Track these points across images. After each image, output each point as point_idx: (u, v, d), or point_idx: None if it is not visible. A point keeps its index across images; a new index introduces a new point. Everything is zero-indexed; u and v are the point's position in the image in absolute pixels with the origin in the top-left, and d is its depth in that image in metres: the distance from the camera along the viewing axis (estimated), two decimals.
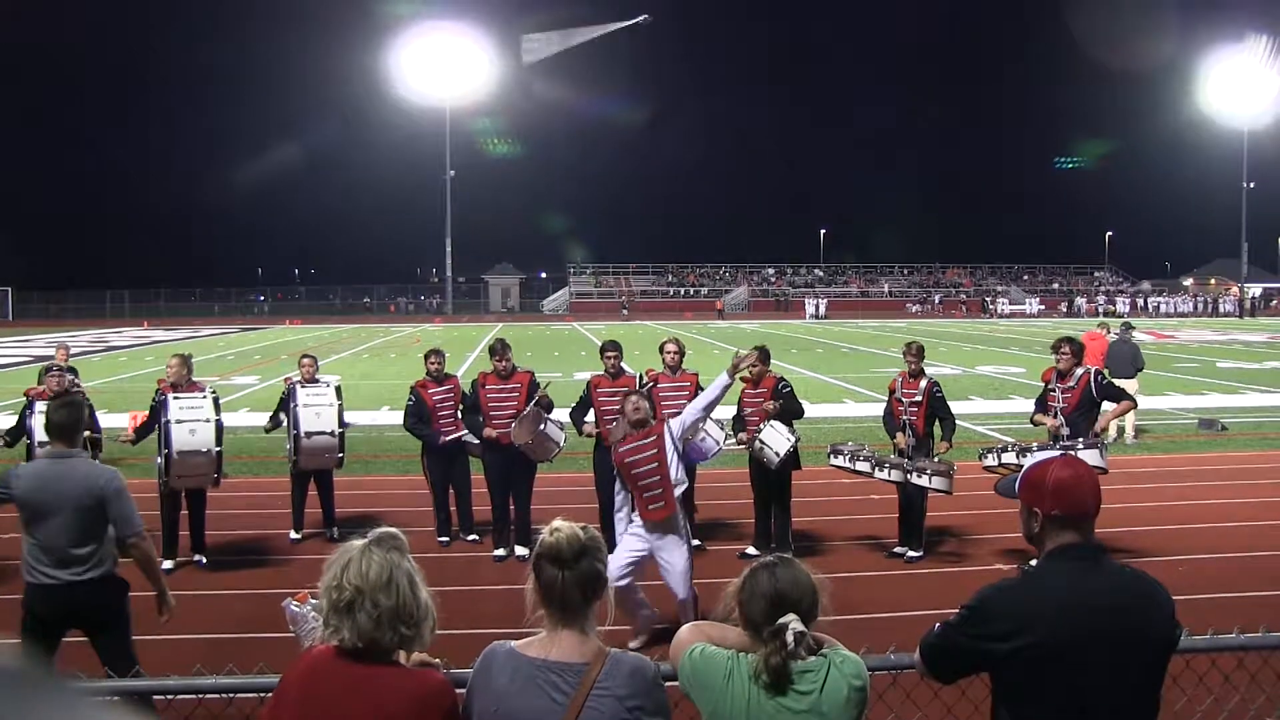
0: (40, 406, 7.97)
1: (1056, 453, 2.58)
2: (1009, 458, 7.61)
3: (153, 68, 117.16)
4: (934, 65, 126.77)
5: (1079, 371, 7.87)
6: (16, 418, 8.19)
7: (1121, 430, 13.09)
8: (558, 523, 2.42)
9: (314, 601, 2.55)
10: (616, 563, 5.97)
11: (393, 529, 2.38)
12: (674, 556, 5.90)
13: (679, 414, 7.81)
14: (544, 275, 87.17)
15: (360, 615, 2.20)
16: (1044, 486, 2.44)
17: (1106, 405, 7.97)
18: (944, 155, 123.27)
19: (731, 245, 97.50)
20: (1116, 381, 13.37)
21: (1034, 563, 2.52)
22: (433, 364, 8.54)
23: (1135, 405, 8.32)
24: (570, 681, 2.26)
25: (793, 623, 2.30)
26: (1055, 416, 7.83)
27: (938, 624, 2.50)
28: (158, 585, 4.45)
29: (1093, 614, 2.32)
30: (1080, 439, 7.46)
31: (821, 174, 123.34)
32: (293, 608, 2.62)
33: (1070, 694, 2.32)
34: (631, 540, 6.01)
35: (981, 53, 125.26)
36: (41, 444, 7.82)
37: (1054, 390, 7.94)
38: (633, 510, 6.11)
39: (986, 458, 7.83)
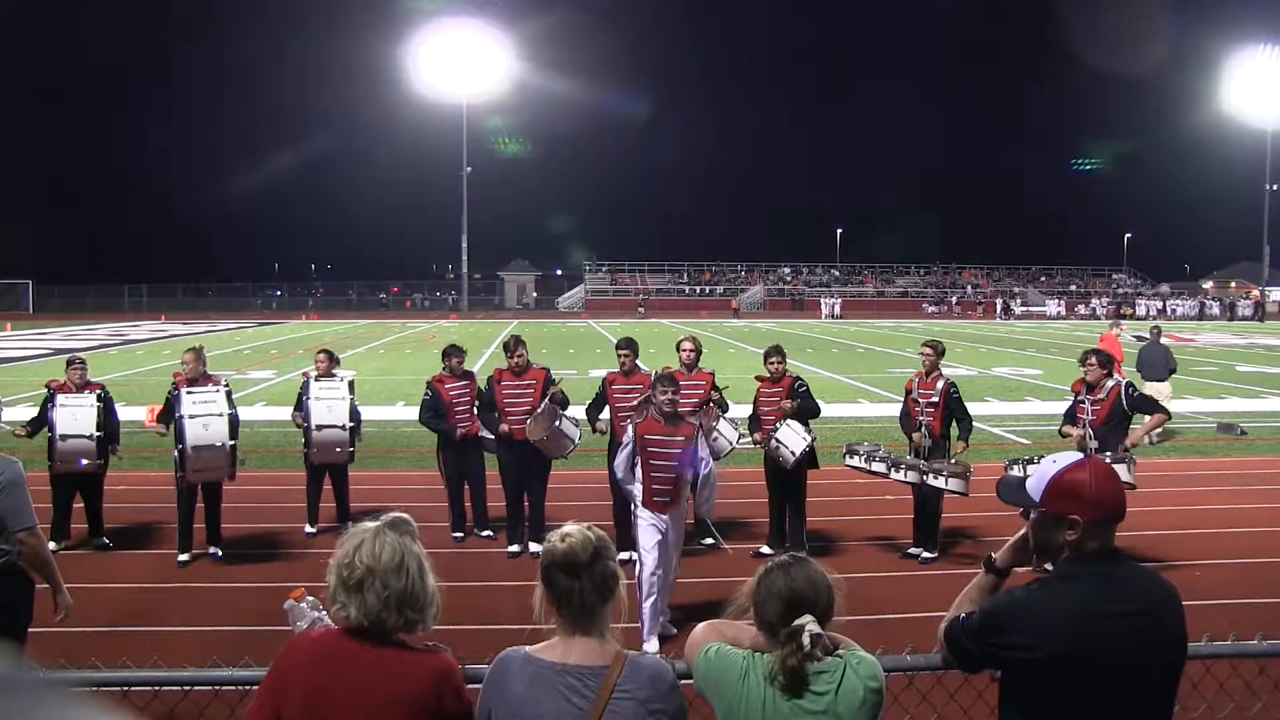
0: (62, 399, 8.04)
1: (1077, 455, 2.51)
2: None
3: (174, 65, 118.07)
4: (952, 65, 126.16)
5: (1109, 383, 7.73)
6: (38, 409, 8.25)
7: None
8: (567, 528, 2.36)
9: (310, 599, 2.60)
10: (648, 554, 6.09)
11: (404, 515, 2.40)
12: (675, 537, 6.30)
13: (692, 412, 7.82)
14: (560, 272, 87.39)
15: (369, 595, 2.23)
16: (1083, 494, 2.34)
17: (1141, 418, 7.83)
18: (962, 155, 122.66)
19: (747, 244, 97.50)
20: (1149, 384, 13.31)
21: (1049, 567, 2.48)
22: (454, 362, 8.55)
23: (1169, 418, 8.17)
24: (590, 685, 2.23)
25: (809, 624, 2.28)
26: (1084, 430, 7.71)
27: (961, 615, 2.46)
28: (52, 582, 4.25)
29: (1115, 621, 2.28)
30: (1109, 453, 7.32)
31: (839, 173, 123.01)
32: (288, 604, 2.62)
33: (1090, 703, 2.28)
34: (650, 532, 6.13)
35: (1002, 52, 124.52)
36: (63, 436, 7.90)
37: (1083, 402, 7.82)
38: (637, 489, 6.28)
39: (1013, 469, 7.67)
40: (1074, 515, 2.35)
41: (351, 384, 8.79)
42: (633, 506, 6.35)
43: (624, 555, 6.52)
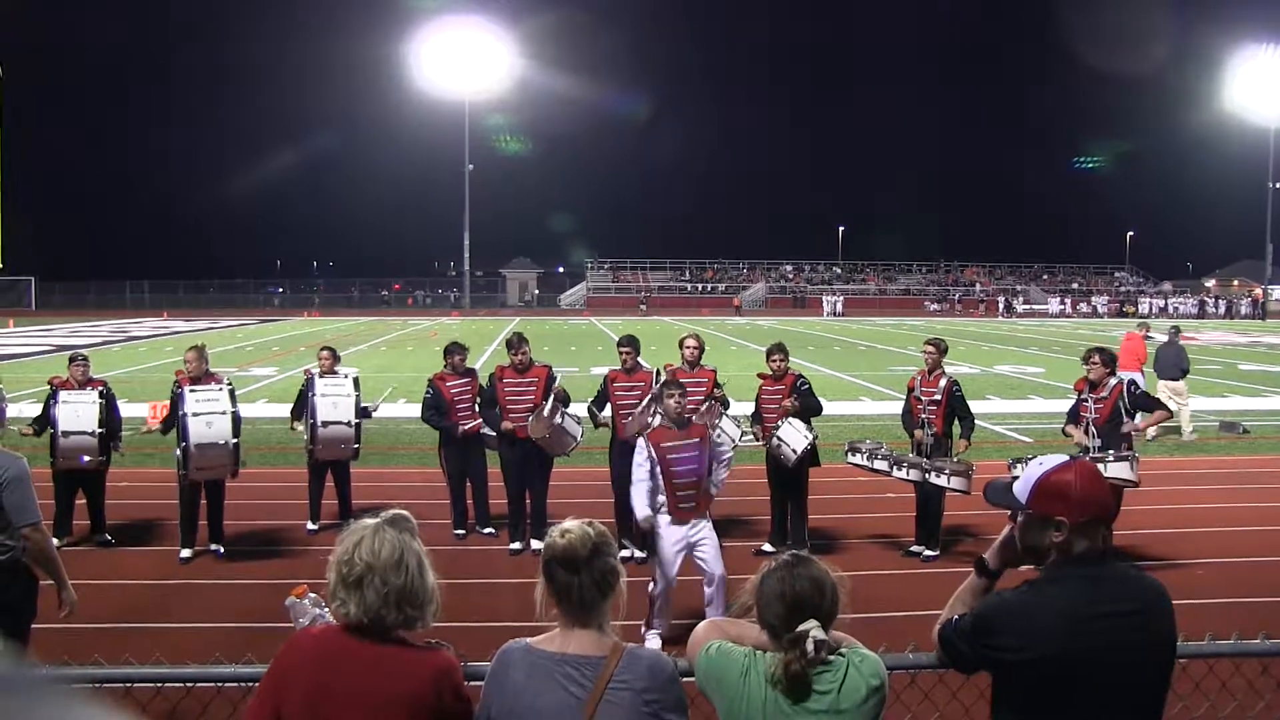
0: (64, 395, 8.05)
1: (1063, 458, 2.50)
2: None
3: (174, 65, 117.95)
4: (952, 65, 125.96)
5: (1111, 381, 7.73)
6: (41, 406, 8.25)
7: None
8: (567, 524, 2.39)
9: (312, 596, 2.61)
10: (669, 566, 6.02)
11: (404, 511, 2.41)
12: (707, 543, 6.16)
13: (695, 410, 7.81)
14: (561, 270, 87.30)
15: (368, 592, 2.24)
16: (1070, 495, 2.33)
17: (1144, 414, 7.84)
18: (963, 155, 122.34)
19: (748, 243, 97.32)
20: (1163, 382, 13.44)
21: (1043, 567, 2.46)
22: (456, 360, 8.56)
23: (1170, 415, 8.22)
24: (588, 675, 2.25)
25: (813, 630, 2.27)
26: (1086, 430, 7.69)
27: (954, 617, 2.47)
28: (56, 577, 4.26)
29: (1106, 622, 2.28)
30: (1111, 451, 7.31)
31: (839, 173, 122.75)
32: (290, 601, 2.63)
33: (1083, 703, 2.27)
34: (672, 534, 6.07)
35: (1002, 52, 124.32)
36: (65, 433, 7.90)
37: (1086, 400, 7.80)
38: (660, 500, 6.15)
39: (1016, 468, 7.68)
40: (1060, 517, 2.34)
41: (357, 380, 8.79)
42: (641, 525, 6.22)
43: (624, 552, 6.53)
